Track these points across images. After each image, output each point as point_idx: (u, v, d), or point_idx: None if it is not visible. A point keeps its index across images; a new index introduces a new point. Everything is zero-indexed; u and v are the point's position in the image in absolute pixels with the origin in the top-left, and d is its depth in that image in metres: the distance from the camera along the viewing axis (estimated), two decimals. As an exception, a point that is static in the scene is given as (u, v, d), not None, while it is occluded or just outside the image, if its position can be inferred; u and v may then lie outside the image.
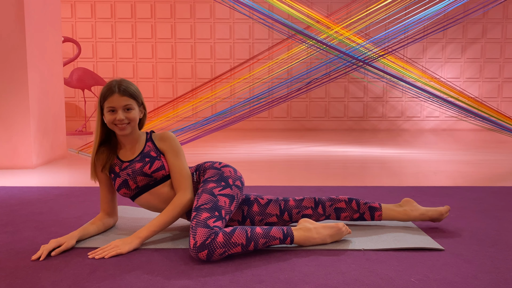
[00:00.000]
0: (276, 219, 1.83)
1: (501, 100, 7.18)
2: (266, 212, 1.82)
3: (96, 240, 1.75)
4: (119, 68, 7.03)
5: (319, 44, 4.47)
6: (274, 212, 1.82)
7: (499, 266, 1.49)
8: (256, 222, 1.82)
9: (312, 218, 1.85)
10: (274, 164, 3.85)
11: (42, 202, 2.42)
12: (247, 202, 1.83)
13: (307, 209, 1.85)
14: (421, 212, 1.89)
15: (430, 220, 1.91)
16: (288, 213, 1.83)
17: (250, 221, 1.82)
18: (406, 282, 1.37)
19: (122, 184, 1.77)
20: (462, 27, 7.05)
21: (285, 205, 1.84)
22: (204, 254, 1.50)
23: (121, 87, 1.72)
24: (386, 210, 1.89)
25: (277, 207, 1.83)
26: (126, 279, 1.39)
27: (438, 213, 1.90)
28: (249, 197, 1.85)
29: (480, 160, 4.00)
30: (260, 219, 1.82)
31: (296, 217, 1.84)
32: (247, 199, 1.84)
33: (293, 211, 1.84)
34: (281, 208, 1.83)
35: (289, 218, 1.84)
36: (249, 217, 1.82)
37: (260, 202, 1.83)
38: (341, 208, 1.87)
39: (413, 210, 1.90)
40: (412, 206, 1.91)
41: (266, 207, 1.83)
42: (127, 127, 1.73)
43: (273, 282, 1.37)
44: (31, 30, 3.54)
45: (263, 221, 1.83)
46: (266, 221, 1.83)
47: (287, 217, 1.84)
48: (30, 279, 1.40)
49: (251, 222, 1.82)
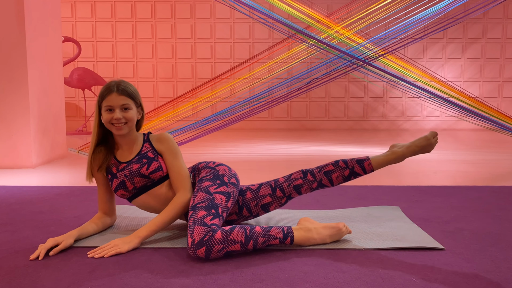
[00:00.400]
0: (270, 198, 1.84)
1: (501, 100, 7.17)
2: (259, 195, 1.83)
3: (95, 239, 1.74)
4: (119, 68, 7.02)
5: (319, 43, 4.46)
6: (266, 192, 1.83)
7: (500, 266, 1.48)
8: (252, 207, 1.83)
9: (305, 187, 1.84)
10: (274, 164, 3.85)
11: (41, 201, 2.42)
12: (240, 193, 1.84)
13: (297, 180, 1.84)
14: (407, 145, 1.88)
15: (420, 151, 1.88)
16: (280, 188, 1.84)
17: (246, 209, 1.83)
18: (406, 281, 1.36)
19: (120, 185, 1.77)
20: (462, 27, 7.05)
21: (275, 183, 1.85)
22: (203, 251, 1.49)
23: (119, 87, 1.72)
24: (374, 158, 1.88)
25: (268, 187, 1.84)
26: (125, 278, 1.38)
27: (424, 139, 1.88)
28: (241, 188, 1.86)
29: (481, 160, 4.00)
30: (255, 203, 1.83)
31: (288, 190, 1.84)
32: (240, 190, 1.85)
33: (284, 185, 1.84)
34: (272, 187, 1.84)
35: (283, 193, 1.84)
36: (244, 205, 1.83)
37: (252, 189, 1.85)
38: (330, 170, 1.85)
39: (400, 147, 1.90)
40: (398, 146, 1.91)
41: (258, 190, 1.84)
42: (124, 127, 1.73)
43: (273, 281, 1.37)
44: (31, 30, 3.54)
45: (258, 205, 1.83)
46: (261, 203, 1.83)
47: (280, 192, 1.84)
48: (30, 278, 1.39)
49: (248, 209, 1.83)
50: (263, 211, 1.85)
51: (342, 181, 1.87)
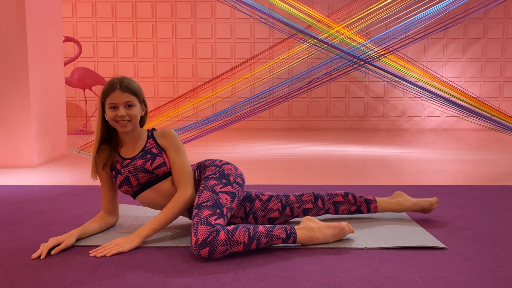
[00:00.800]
0: (279, 214, 1.85)
1: (502, 100, 7.17)
2: (268, 208, 1.84)
3: (97, 239, 1.74)
4: (120, 68, 7.02)
5: (320, 43, 4.46)
6: (276, 207, 1.84)
7: (502, 265, 1.48)
8: (259, 217, 1.83)
9: (313, 212, 1.90)
10: (275, 163, 3.85)
11: (43, 200, 2.42)
12: (249, 199, 1.83)
13: (308, 203, 1.89)
14: (413, 202, 2.00)
15: (421, 211, 2.01)
16: (290, 207, 1.86)
17: (253, 217, 1.83)
18: (409, 280, 1.36)
19: (124, 181, 1.76)
20: (463, 27, 7.05)
21: (286, 200, 1.87)
22: (206, 251, 1.49)
23: (122, 84, 1.72)
24: (381, 202, 1.99)
25: (279, 203, 1.85)
26: (127, 277, 1.38)
27: (428, 203, 2.00)
28: (251, 194, 1.86)
29: (482, 160, 3.99)
30: (262, 214, 1.83)
31: (297, 211, 1.87)
32: (248, 196, 1.84)
33: (295, 205, 1.87)
34: (282, 203, 1.85)
35: (291, 213, 1.87)
36: (251, 213, 1.82)
37: (262, 198, 1.85)
38: (339, 202, 1.95)
39: (406, 201, 2.01)
40: (404, 198, 2.03)
41: (268, 202, 1.84)
42: (128, 124, 1.73)
43: (276, 280, 1.36)
44: (32, 29, 3.54)
45: (265, 216, 1.84)
46: (268, 216, 1.84)
47: (289, 211, 1.86)
48: (32, 277, 1.39)
49: (254, 218, 1.83)
50: (268, 223, 1.86)
51: (346, 214, 1.99)
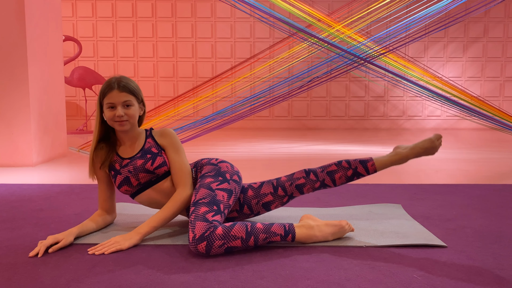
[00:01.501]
0: (272, 197, 1.83)
1: (502, 99, 7.16)
2: (260, 193, 1.82)
3: (96, 236, 1.74)
4: (120, 67, 7.02)
5: (320, 42, 4.45)
6: (268, 191, 1.82)
7: (502, 263, 1.47)
8: (253, 205, 1.82)
9: (307, 186, 1.83)
10: (275, 163, 3.84)
11: (42, 199, 2.41)
12: (242, 191, 1.84)
13: (299, 179, 1.84)
14: (411, 147, 1.88)
15: (424, 153, 1.88)
16: (282, 187, 1.83)
17: (247, 207, 1.82)
18: (408, 278, 1.35)
19: (124, 181, 1.76)
20: (463, 26, 7.03)
21: (277, 182, 1.84)
22: (203, 246, 1.49)
23: (120, 83, 1.71)
24: (378, 158, 1.88)
25: (270, 186, 1.84)
26: (126, 275, 1.38)
27: (428, 141, 1.87)
28: (243, 185, 1.86)
29: (482, 159, 3.99)
30: (256, 201, 1.82)
31: (290, 189, 1.83)
32: (241, 188, 1.84)
33: (286, 184, 1.83)
34: (274, 186, 1.83)
35: (284, 193, 1.83)
36: (245, 203, 1.82)
37: (254, 187, 1.85)
38: (333, 170, 1.85)
39: (404, 148, 1.89)
40: (402, 147, 1.91)
41: (260, 189, 1.83)
42: (127, 124, 1.72)
43: (274, 278, 1.36)
44: (31, 28, 3.54)
45: (259, 203, 1.82)
46: (262, 201, 1.82)
47: (282, 191, 1.83)
48: (30, 274, 1.39)
49: (249, 207, 1.82)
50: (264, 209, 1.85)
51: (345, 182, 1.87)
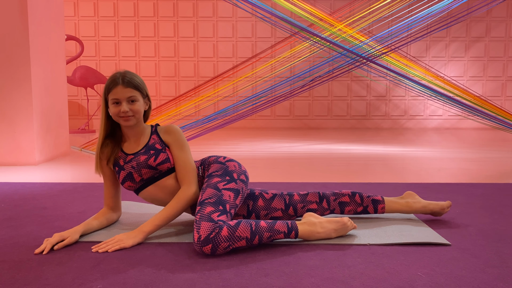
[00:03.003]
0: (282, 214, 1.83)
1: (504, 99, 7.15)
2: (271, 207, 1.82)
3: (100, 234, 1.74)
4: (122, 67, 7.03)
5: (322, 41, 4.45)
6: (279, 207, 1.82)
7: (506, 261, 1.47)
8: (262, 216, 1.82)
9: (317, 213, 1.86)
10: (277, 162, 3.84)
11: (45, 197, 2.41)
12: (252, 197, 1.82)
13: (312, 203, 1.86)
14: (423, 205, 1.92)
15: (431, 214, 1.94)
16: (293, 207, 1.83)
17: (255, 216, 1.82)
18: (412, 275, 1.35)
19: (127, 177, 1.76)
20: (465, 25, 7.03)
21: (290, 200, 1.84)
22: (209, 248, 1.49)
23: (125, 79, 1.70)
24: (389, 202, 1.92)
25: (282, 202, 1.83)
26: (130, 273, 1.38)
27: (439, 207, 1.93)
28: (254, 192, 1.84)
29: (484, 158, 3.98)
30: (265, 213, 1.82)
31: (301, 211, 1.85)
32: (252, 194, 1.83)
33: (298, 205, 1.84)
34: (286, 203, 1.83)
35: (294, 213, 1.84)
36: (254, 211, 1.81)
37: (265, 197, 1.83)
38: (345, 202, 1.89)
39: (415, 202, 1.93)
40: (414, 199, 1.95)
41: (271, 201, 1.82)
42: (132, 119, 1.72)
43: (278, 275, 1.36)
44: (34, 28, 3.54)
45: (268, 216, 1.82)
46: (271, 215, 1.82)
47: (292, 211, 1.84)
48: (34, 272, 1.39)
49: (257, 216, 1.82)
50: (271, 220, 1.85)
51: (352, 215, 1.93)
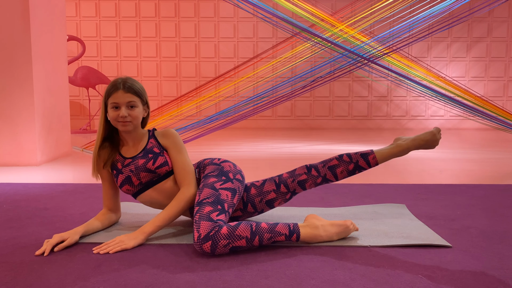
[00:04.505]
0: (275, 194, 1.84)
1: (506, 99, 7.13)
2: (263, 191, 1.83)
3: (101, 236, 1.74)
4: (124, 67, 7.03)
5: (323, 42, 4.45)
6: (271, 189, 1.83)
7: (507, 263, 1.47)
8: (257, 203, 1.83)
9: (309, 182, 1.84)
10: (278, 162, 3.84)
11: (46, 198, 2.42)
12: (245, 189, 1.84)
13: (301, 175, 1.85)
14: (412, 138, 1.88)
15: (425, 146, 1.88)
16: (284, 184, 1.84)
17: (251, 205, 1.83)
18: (413, 278, 1.35)
19: (125, 180, 1.76)
20: (467, 26, 7.02)
21: (280, 179, 1.85)
22: (208, 245, 1.49)
23: (126, 84, 1.72)
24: (379, 151, 1.88)
25: (273, 183, 1.84)
26: (131, 274, 1.38)
27: (430, 134, 1.88)
28: (246, 184, 1.86)
29: (486, 159, 3.98)
30: (259, 199, 1.83)
31: (292, 185, 1.84)
32: (244, 187, 1.85)
33: (288, 180, 1.84)
34: (276, 183, 1.84)
35: (287, 189, 1.84)
36: (249, 201, 1.83)
37: (256, 185, 1.85)
38: (335, 165, 1.85)
39: (405, 140, 1.89)
40: (402, 139, 1.91)
41: (263, 186, 1.84)
42: (130, 124, 1.73)
43: (279, 277, 1.36)
44: (36, 28, 3.55)
45: (262, 201, 1.83)
46: (265, 199, 1.83)
47: (284, 188, 1.84)
48: (35, 273, 1.39)
49: (252, 206, 1.83)
50: (268, 207, 1.85)
51: (346, 175, 1.88)
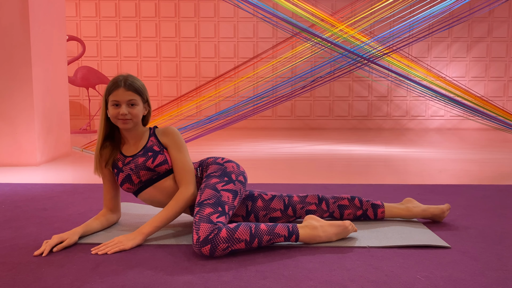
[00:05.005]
0: (280, 214, 1.83)
1: (506, 99, 7.13)
2: (270, 207, 1.82)
3: (99, 236, 1.74)
4: (124, 67, 7.03)
5: (323, 42, 4.45)
6: (278, 207, 1.83)
7: (506, 264, 1.47)
8: (260, 217, 1.82)
9: (316, 214, 1.86)
10: (278, 162, 3.84)
11: (46, 198, 2.42)
12: (251, 198, 1.82)
13: (311, 205, 1.86)
14: (423, 209, 1.93)
15: (431, 218, 1.94)
16: (292, 208, 1.84)
17: (254, 216, 1.82)
18: (412, 278, 1.35)
19: (125, 179, 1.76)
20: (467, 26, 7.01)
21: (289, 201, 1.85)
22: (207, 249, 1.49)
23: (127, 82, 1.72)
24: (389, 207, 1.93)
25: (281, 202, 1.84)
26: (129, 275, 1.38)
27: (439, 210, 1.92)
28: (253, 193, 1.85)
29: (486, 159, 3.97)
30: (264, 214, 1.82)
31: (300, 212, 1.85)
32: (251, 195, 1.83)
33: (297, 206, 1.85)
34: (285, 203, 1.83)
35: (293, 214, 1.85)
36: (253, 212, 1.82)
37: (264, 198, 1.84)
38: (344, 205, 1.90)
39: (415, 207, 1.94)
40: (413, 204, 1.96)
41: (270, 202, 1.83)
42: (130, 122, 1.73)
43: (277, 278, 1.36)
44: (35, 28, 3.55)
45: (267, 216, 1.83)
46: (270, 216, 1.83)
47: (291, 212, 1.84)
48: (33, 274, 1.39)
49: (255, 217, 1.82)
50: (270, 222, 1.85)
51: (351, 218, 1.92)
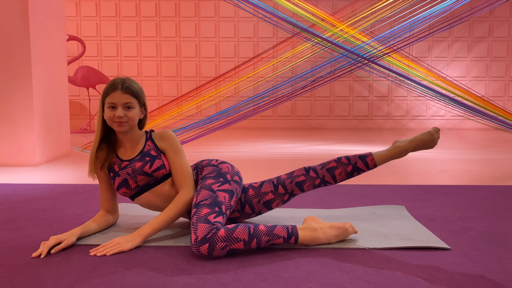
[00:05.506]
0: (273, 195, 1.83)
1: (507, 99, 7.11)
2: (261, 192, 1.83)
3: (98, 238, 1.73)
4: (124, 67, 7.03)
5: (324, 42, 4.44)
6: (268, 189, 1.83)
7: (506, 266, 1.46)
8: (254, 204, 1.83)
9: (307, 183, 1.84)
10: (279, 163, 3.83)
11: (45, 199, 2.41)
12: (243, 190, 1.84)
13: (299, 176, 1.84)
14: (410, 140, 1.89)
15: (423, 146, 1.89)
16: (282, 185, 1.83)
17: (248, 206, 1.83)
18: (412, 281, 1.34)
19: (122, 183, 1.76)
20: (468, 26, 7.00)
21: (278, 180, 1.85)
22: (205, 247, 1.48)
23: (124, 85, 1.71)
24: (377, 153, 1.88)
25: (271, 184, 1.84)
26: (128, 277, 1.37)
27: (427, 134, 1.88)
28: (244, 185, 1.86)
29: (487, 159, 3.96)
30: (257, 200, 1.83)
31: (290, 186, 1.83)
32: (242, 188, 1.84)
33: (286, 182, 1.84)
34: (274, 184, 1.84)
35: (285, 190, 1.83)
36: (247, 202, 1.82)
37: (254, 186, 1.85)
38: (333, 167, 1.86)
39: (403, 142, 1.90)
40: (400, 141, 1.91)
41: (261, 188, 1.84)
42: (125, 125, 1.72)
43: (277, 280, 1.35)
44: (35, 28, 3.54)
45: (260, 202, 1.83)
46: (263, 200, 1.83)
47: (282, 189, 1.83)
48: (31, 275, 1.39)
49: (250, 207, 1.82)
50: (266, 208, 1.84)
51: (345, 178, 1.87)
